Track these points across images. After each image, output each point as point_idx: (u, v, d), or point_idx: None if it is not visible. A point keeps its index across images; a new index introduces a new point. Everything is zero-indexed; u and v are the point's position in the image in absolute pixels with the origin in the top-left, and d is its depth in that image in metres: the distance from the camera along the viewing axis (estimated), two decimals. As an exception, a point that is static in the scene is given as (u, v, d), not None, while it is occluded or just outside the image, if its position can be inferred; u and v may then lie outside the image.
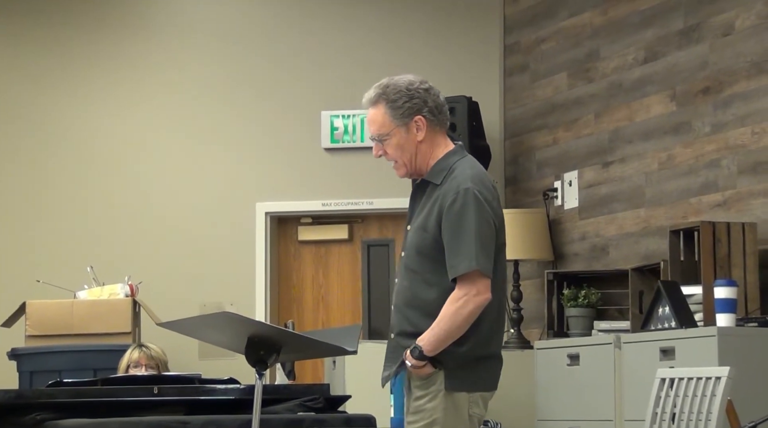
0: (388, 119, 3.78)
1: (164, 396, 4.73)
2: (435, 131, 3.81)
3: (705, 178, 6.27)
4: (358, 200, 7.93)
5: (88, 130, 8.11)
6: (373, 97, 3.81)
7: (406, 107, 3.77)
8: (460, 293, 3.65)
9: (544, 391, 6.25)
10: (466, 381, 3.72)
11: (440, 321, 3.67)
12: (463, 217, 3.67)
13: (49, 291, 7.19)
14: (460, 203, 3.68)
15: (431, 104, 3.80)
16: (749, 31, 6.06)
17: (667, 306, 5.50)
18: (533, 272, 7.43)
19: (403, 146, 3.78)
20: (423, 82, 3.82)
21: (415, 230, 3.76)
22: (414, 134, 3.78)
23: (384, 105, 3.78)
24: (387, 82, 3.82)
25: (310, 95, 7.98)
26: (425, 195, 3.80)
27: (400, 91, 3.78)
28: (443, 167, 3.79)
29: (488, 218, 3.70)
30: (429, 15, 7.99)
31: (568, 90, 7.34)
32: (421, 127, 3.78)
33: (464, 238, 3.65)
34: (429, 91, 3.81)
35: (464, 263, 3.63)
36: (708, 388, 4.29)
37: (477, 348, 3.72)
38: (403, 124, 3.78)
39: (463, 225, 3.66)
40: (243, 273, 7.91)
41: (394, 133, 3.78)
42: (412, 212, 3.84)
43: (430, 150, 3.81)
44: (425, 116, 3.78)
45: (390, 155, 3.81)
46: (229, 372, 5.25)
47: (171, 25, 8.15)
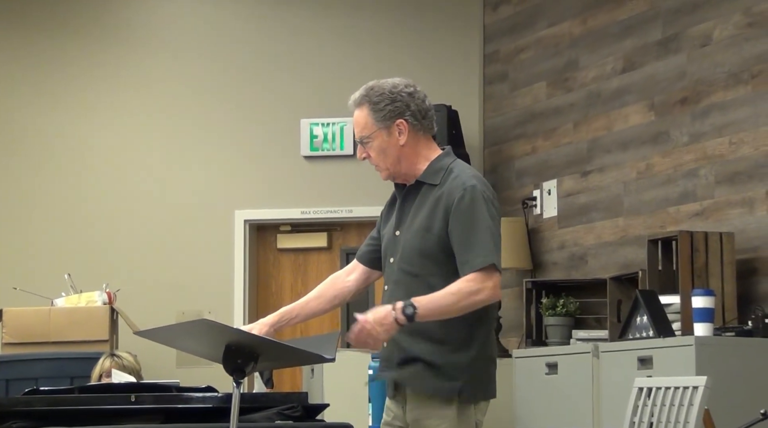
0: (371, 122, 3.74)
1: (142, 404, 4.71)
2: (419, 135, 3.77)
3: (683, 188, 6.29)
4: (337, 208, 7.92)
5: (66, 139, 8.09)
6: (358, 98, 3.78)
7: (387, 110, 3.73)
8: (479, 280, 3.56)
9: (522, 400, 6.25)
10: (478, 392, 3.69)
11: (448, 295, 3.56)
12: (474, 212, 3.61)
13: (27, 299, 7.16)
14: (470, 199, 3.62)
15: (414, 108, 3.76)
16: (727, 41, 6.09)
17: (645, 315, 5.52)
18: (512, 281, 7.44)
19: (385, 150, 3.74)
20: (408, 86, 3.79)
21: (416, 232, 3.69)
22: (396, 138, 3.74)
23: (367, 107, 3.75)
24: (373, 84, 3.79)
25: (290, 103, 7.98)
26: (419, 196, 3.74)
27: (383, 93, 3.76)
28: (440, 167, 3.74)
29: (495, 216, 3.66)
30: (409, 24, 8.00)
31: (547, 99, 7.36)
32: (403, 130, 3.74)
33: (478, 233, 3.59)
34: (413, 95, 3.77)
35: (480, 258, 3.56)
36: (685, 397, 4.30)
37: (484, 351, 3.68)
38: (385, 127, 3.74)
39: (475, 221, 3.61)
40: (221, 281, 7.89)
41: (375, 135, 3.74)
42: (402, 216, 3.79)
43: (415, 154, 3.76)
44: (407, 119, 3.74)
45: (373, 159, 3.76)
46: (207, 380, 5.24)
47: (151, 34, 8.14)
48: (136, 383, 5.31)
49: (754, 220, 5.85)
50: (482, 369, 3.68)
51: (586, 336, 6.47)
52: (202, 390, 4.88)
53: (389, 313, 3.52)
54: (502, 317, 7.19)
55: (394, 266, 3.74)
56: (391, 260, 3.75)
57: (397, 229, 3.76)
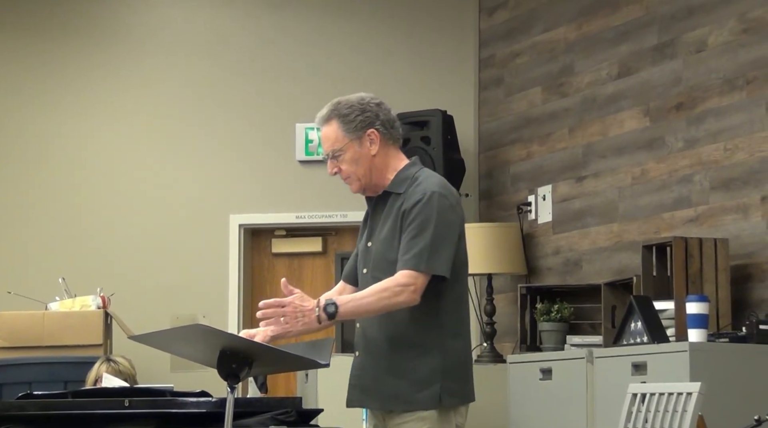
0: (342, 134, 3.79)
1: (135, 409, 4.70)
2: (388, 146, 3.83)
3: (678, 193, 6.30)
4: (332, 213, 7.93)
5: (61, 142, 8.08)
6: (325, 114, 3.84)
7: (358, 121, 3.79)
8: (402, 281, 3.63)
9: (516, 405, 6.25)
10: (459, 395, 3.71)
11: (368, 296, 3.65)
12: (424, 217, 3.68)
13: (21, 303, 7.15)
14: (423, 204, 3.69)
15: (383, 118, 3.82)
16: (722, 47, 6.09)
17: (639, 321, 5.52)
18: (506, 286, 7.44)
19: (357, 160, 3.79)
20: (374, 98, 3.85)
21: (382, 241, 3.74)
22: (368, 148, 3.79)
23: (336, 121, 3.80)
24: (338, 99, 3.86)
25: (285, 108, 7.98)
26: (387, 207, 3.79)
27: (352, 105, 3.81)
28: (405, 176, 3.80)
29: (452, 221, 3.71)
30: (404, 29, 8.01)
31: (543, 104, 7.36)
32: (375, 140, 3.79)
33: (420, 236, 3.65)
34: (380, 106, 3.83)
35: (413, 259, 3.64)
36: (679, 403, 4.30)
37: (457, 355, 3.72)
38: (357, 137, 3.78)
39: (422, 225, 3.67)
40: (216, 285, 7.89)
41: (347, 147, 3.79)
42: (373, 227, 3.82)
43: (386, 163, 3.81)
44: (378, 129, 3.80)
45: (344, 171, 3.81)
46: (201, 385, 5.23)
47: (146, 38, 8.14)
48: (129, 387, 5.30)
49: (748, 226, 5.86)
50: (457, 373, 3.70)
51: (581, 342, 6.47)
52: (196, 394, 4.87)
53: (313, 309, 3.62)
54: (497, 322, 7.20)
55: (367, 276, 3.79)
56: (365, 270, 3.81)
57: (369, 240, 3.82)
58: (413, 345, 3.69)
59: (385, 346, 3.72)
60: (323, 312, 3.62)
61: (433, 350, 3.68)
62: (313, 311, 3.62)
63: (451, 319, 3.72)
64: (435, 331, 3.69)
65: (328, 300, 3.64)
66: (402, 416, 3.69)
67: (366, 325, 3.79)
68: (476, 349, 7.26)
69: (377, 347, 3.74)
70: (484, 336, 7.19)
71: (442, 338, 3.70)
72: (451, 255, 3.68)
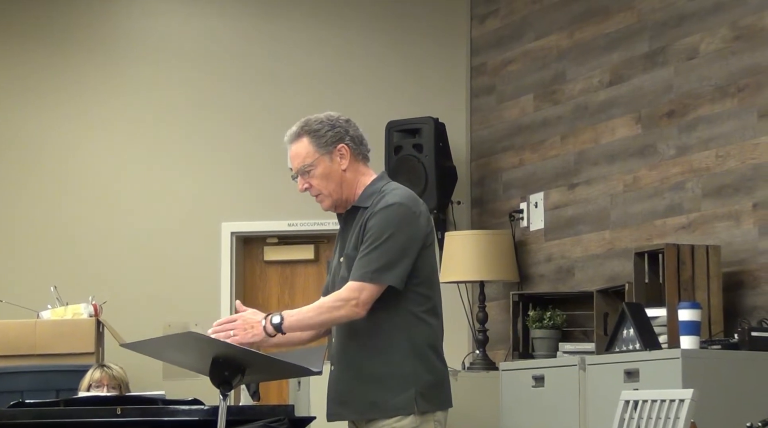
0: (312, 150, 3.83)
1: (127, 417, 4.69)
2: (358, 161, 3.87)
3: (670, 200, 6.30)
4: (324, 221, 7.91)
5: (52, 150, 8.07)
6: (294, 131, 3.87)
7: (329, 136, 3.83)
8: (345, 296, 3.69)
9: (509, 413, 6.25)
10: (435, 401, 3.73)
11: (313, 310, 3.72)
12: (379, 227, 3.71)
13: (12, 311, 7.13)
14: (380, 215, 3.73)
15: (352, 134, 3.87)
16: (713, 55, 6.10)
17: (631, 328, 5.52)
18: (499, 294, 7.44)
19: (328, 175, 3.83)
20: (342, 116, 3.90)
21: (348, 256, 3.80)
22: (338, 163, 3.83)
23: (306, 136, 3.84)
24: (307, 118, 3.89)
25: (277, 114, 7.96)
26: (355, 221, 3.83)
27: (321, 121, 3.86)
28: (373, 191, 3.84)
29: (413, 232, 3.73)
30: (396, 36, 8.01)
31: (534, 112, 7.37)
32: (345, 155, 3.84)
33: (371, 248, 3.69)
34: (349, 123, 3.89)
35: (359, 272, 3.69)
36: (672, 410, 4.30)
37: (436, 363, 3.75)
38: (327, 152, 3.83)
39: (376, 235, 3.71)
40: (208, 293, 7.88)
41: (318, 162, 3.83)
42: (343, 243, 3.87)
43: (355, 179, 3.85)
44: (348, 144, 3.84)
45: (315, 187, 3.87)
46: (193, 393, 5.22)
47: (138, 45, 8.13)
48: (121, 395, 5.29)
49: (740, 233, 5.86)
50: (431, 379, 3.72)
51: (573, 349, 6.47)
52: (189, 402, 4.86)
53: (260, 322, 3.71)
54: (489, 329, 7.20)
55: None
56: (336, 286, 3.81)
57: (340, 256, 3.86)
58: (384, 352, 3.72)
59: (357, 356, 3.76)
60: (269, 324, 3.71)
61: (404, 357, 3.72)
62: (260, 323, 3.71)
63: (422, 327, 3.75)
64: (405, 339, 3.73)
65: (276, 313, 3.73)
66: (381, 422, 3.70)
67: (339, 337, 3.83)
68: (468, 356, 7.25)
69: (350, 357, 3.78)
70: (476, 344, 7.19)
71: (412, 345, 3.73)
72: (406, 266, 3.71)
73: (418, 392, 3.69)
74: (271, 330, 3.70)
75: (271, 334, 3.71)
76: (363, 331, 3.72)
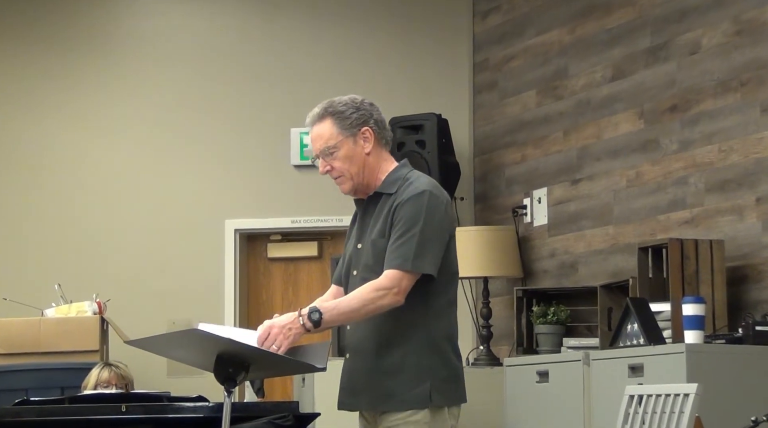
0: (336, 131, 3.76)
1: (132, 414, 4.69)
2: (381, 145, 3.82)
3: (673, 195, 6.30)
4: (327, 217, 7.92)
5: (55, 150, 8.08)
6: (318, 113, 3.80)
7: (353, 118, 3.77)
8: (385, 283, 3.62)
9: (513, 408, 6.25)
10: (450, 395, 3.70)
11: (352, 300, 3.65)
12: (411, 214, 3.66)
13: (16, 309, 7.14)
14: (413, 203, 3.67)
15: (376, 117, 3.82)
16: (716, 49, 6.10)
17: (635, 323, 5.52)
18: (502, 290, 7.44)
19: (351, 158, 3.76)
20: (366, 99, 3.85)
21: (373, 242, 3.73)
22: (361, 146, 3.77)
23: (331, 118, 3.77)
24: (331, 99, 3.83)
25: (280, 112, 7.98)
26: (378, 208, 3.77)
27: (346, 103, 3.80)
28: (397, 177, 3.78)
29: (441, 222, 3.69)
30: (398, 33, 8.01)
31: (537, 108, 7.37)
32: (369, 138, 3.78)
33: (407, 235, 3.64)
34: (373, 106, 3.84)
35: (398, 260, 3.62)
36: (676, 405, 4.30)
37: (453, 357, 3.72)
38: (351, 135, 3.77)
39: (409, 222, 3.65)
40: (212, 291, 7.88)
41: (341, 144, 3.76)
42: (363, 229, 3.81)
43: (378, 163, 3.80)
44: (372, 127, 3.79)
45: (336, 169, 3.78)
46: (197, 390, 5.22)
47: (139, 46, 8.14)
48: (126, 393, 5.30)
49: (743, 227, 5.86)
50: (447, 373, 3.69)
51: (577, 344, 6.47)
52: (193, 399, 4.87)
53: (296, 319, 3.60)
54: (493, 325, 7.20)
55: (357, 278, 3.77)
56: (354, 272, 3.78)
57: (359, 242, 3.79)
58: (402, 344, 3.68)
59: (374, 347, 3.71)
60: (307, 320, 3.61)
61: (421, 350, 3.68)
62: (296, 321, 3.61)
63: (441, 320, 3.71)
64: (424, 331, 3.68)
65: (312, 308, 3.63)
66: (394, 415, 3.68)
67: (354, 326, 3.78)
68: (472, 352, 7.26)
69: (366, 348, 3.74)
70: (480, 339, 7.19)
71: (430, 338, 3.69)
72: (439, 254, 3.67)
73: (434, 386, 3.65)
74: (310, 325, 3.61)
75: (309, 330, 3.62)
76: (381, 321, 3.67)
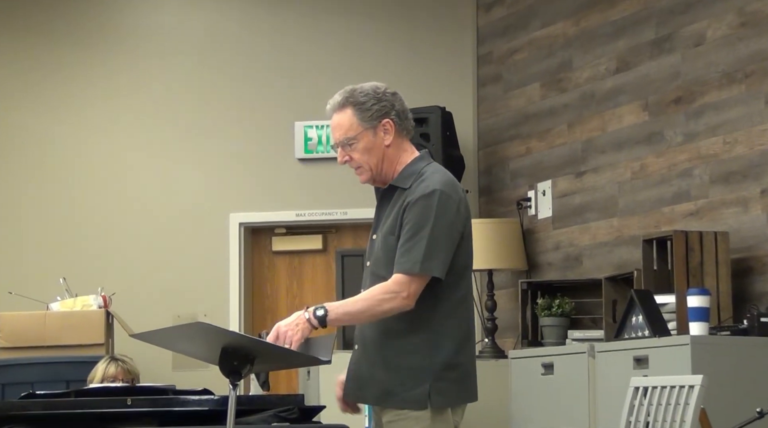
0: (356, 122, 3.71)
1: (138, 408, 4.70)
2: (401, 137, 3.76)
3: (677, 187, 6.30)
4: (332, 211, 7.93)
5: (60, 142, 8.09)
6: (339, 101, 3.74)
7: (374, 110, 3.71)
8: (393, 287, 3.59)
9: (518, 400, 6.26)
10: (452, 395, 3.67)
11: (360, 301, 3.63)
12: (421, 216, 3.61)
13: (22, 303, 7.15)
14: (423, 204, 3.63)
15: (398, 108, 3.75)
16: (720, 41, 6.10)
17: (640, 315, 5.53)
18: (507, 282, 7.45)
19: (370, 150, 3.72)
20: (389, 88, 3.78)
21: (383, 236, 3.71)
22: (381, 138, 3.72)
23: (351, 108, 3.72)
24: (353, 87, 3.77)
25: (284, 106, 7.99)
26: (392, 201, 3.74)
27: (367, 94, 3.73)
28: (412, 171, 3.73)
29: (452, 221, 3.64)
30: (402, 26, 8.01)
31: (541, 100, 7.36)
32: (389, 130, 3.73)
33: (416, 238, 3.60)
34: (395, 96, 3.76)
35: (408, 264, 3.59)
36: (681, 397, 4.31)
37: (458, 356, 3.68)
38: (371, 127, 3.71)
39: (419, 224, 3.61)
40: (217, 284, 7.89)
41: (361, 136, 3.72)
42: (378, 220, 3.80)
43: (397, 155, 3.75)
44: (393, 119, 3.73)
45: (355, 160, 3.74)
46: (203, 383, 5.22)
47: (144, 38, 8.14)
48: (132, 386, 5.30)
49: (748, 219, 5.86)
50: (450, 373, 3.65)
51: (582, 336, 6.48)
52: (199, 392, 4.88)
53: (302, 315, 3.62)
54: (498, 318, 7.20)
55: (368, 270, 3.76)
56: (368, 263, 3.77)
57: (374, 233, 3.77)
58: (406, 342, 3.66)
59: (379, 341, 3.69)
60: (313, 317, 3.61)
61: (424, 349, 3.64)
62: (302, 317, 3.62)
63: (447, 321, 3.66)
64: (428, 331, 3.65)
65: (317, 306, 3.64)
66: (394, 413, 3.67)
67: None
68: (477, 345, 7.26)
69: (372, 341, 3.72)
70: (485, 332, 7.20)
71: (435, 338, 3.65)
72: (448, 256, 3.62)
73: (434, 388, 3.61)
74: (316, 322, 3.60)
75: (315, 327, 3.61)
76: (389, 317, 3.67)
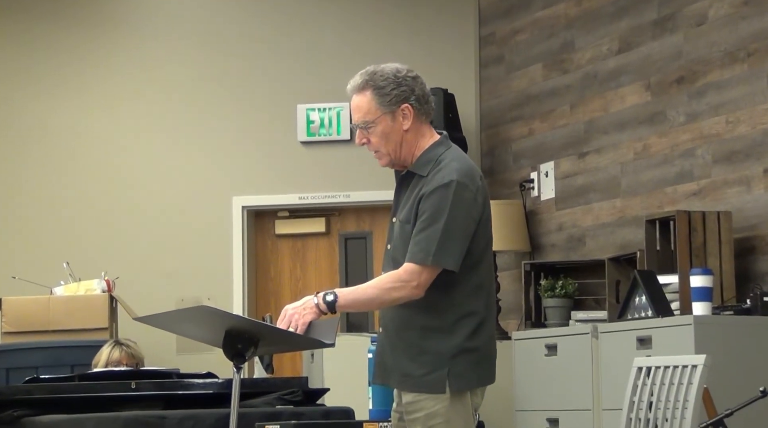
0: (375, 106, 3.68)
1: (142, 391, 4.72)
2: (421, 121, 3.73)
3: (680, 167, 6.29)
4: (335, 193, 7.93)
5: (62, 126, 8.08)
6: (359, 83, 3.71)
7: (393, 95, 3.68)
8: (404, 276, 3.59)
9: (522, 382, 6.26)
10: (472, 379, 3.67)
11: (369, 288, 3.64)
12: (436, 206, 3.60)
13: (26, 287, 7.16)
14: (438, 195, 3.61)
15: (418, 93, 3.72)
16: (722, 20, 6.08)
17: (643, 295, 5.53)
18: (510, 263, 7.45)
19: (388, 135, 3.69)
20: (410, 71, 3.75)
21: (401, 223, 3.70)
22: (400, 123, 3.69)
23: (371, 92, 3.69)
24: (374, 68, 3.73)
25: (286, 89, 7.98)
26: (410, 187, 3.73)
27: (387, 78, 3.70)
28: (429, 158, 3.71)
29: (468, 211, 3.62)
30: (404, 7, 7.99)
31: (544, 81, 7.35)
32: (408, 115, 3.70)
33: (430, 228, 3.59)
34: (416, 80, 3.73)
35: (421, 254, 3.58)
36: (684, 376, 4.31)
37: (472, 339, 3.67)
38: (390, 111, 3.68)
39: (433, 215, 3.60)
40: (220, 267, 7.90)
41: (379, 120, 3.69)
42: (397, 204, 3.80)
43: (416, 140, 3.72)
44: (412, 104, 3.69)
45: (374, 144, 3.71)
46: (207, 367, 5.25)
47: (146, 20, 8.13)
48: (136, 370, 5.31)
49: (751, 198, 5.86)
50: (467, 357, 3.65)
51: (585, 317, 6.48)
52: (203, 376, 4.89)
53: (311, 299, 3.61)
54: (501, 299, 7.20)
55: (389, 253, 3.75)
56: (388, 246, 3.77)
57: (393, 216, 3.77)
58: (423, 327, 3.67)
59: (398, 326, 3.71)
60: (322, 302, 3.61)
61: (441, 333, 3.65)
62: (311, 301, 3.62)
63: (463, 306, 3.65)
64: (445, 316, 3.66)
65: (328, 291, 3.63)
66: (413, 395, 3.68)
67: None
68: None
69: (392, 326, 3.73)
70: (488, 314, 7.19)
71: (452, 323, 3.65)
72: (463, 248, 3.61)
73: (452, 372, 3.62)
74: (324, 308, 3.59)
75: (324, 312, 3.60)
76: (410, 302, 3.66)
